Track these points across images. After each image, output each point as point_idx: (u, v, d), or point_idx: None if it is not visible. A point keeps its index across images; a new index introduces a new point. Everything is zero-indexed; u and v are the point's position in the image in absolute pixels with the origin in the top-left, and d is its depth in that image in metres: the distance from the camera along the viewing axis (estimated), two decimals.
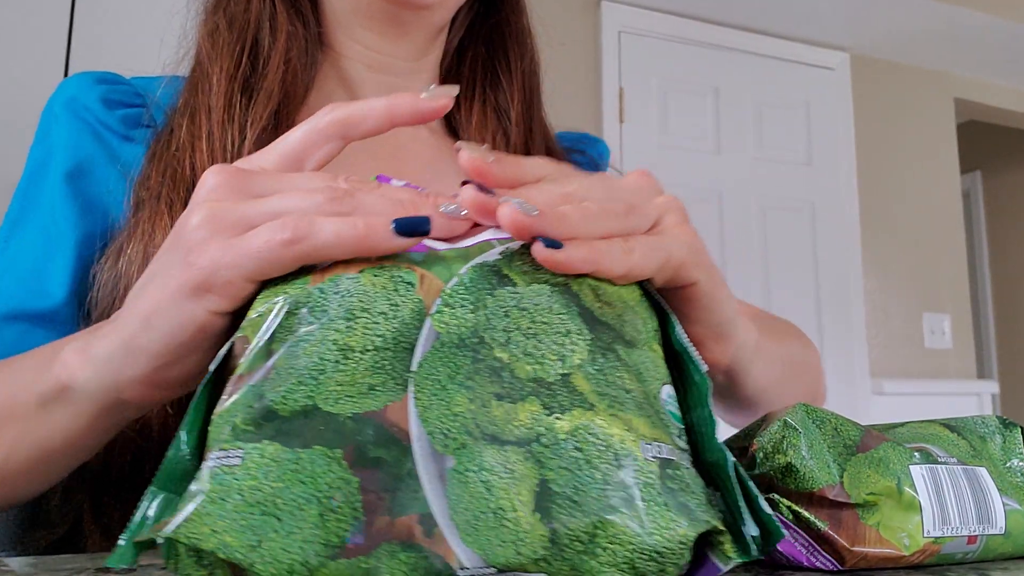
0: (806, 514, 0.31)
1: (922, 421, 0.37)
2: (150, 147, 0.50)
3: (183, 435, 0.25)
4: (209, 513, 0.22)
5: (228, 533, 0.21)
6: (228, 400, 0.25)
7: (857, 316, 2.71)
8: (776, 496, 0.32)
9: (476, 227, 0.30)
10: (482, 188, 0.28)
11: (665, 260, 0.30)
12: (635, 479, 0.24)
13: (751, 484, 0.25)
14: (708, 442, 0.27)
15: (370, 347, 0.25)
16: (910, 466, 0.32)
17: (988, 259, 4.16)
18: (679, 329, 0.29)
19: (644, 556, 0.23)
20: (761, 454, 0.32)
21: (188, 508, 0.22)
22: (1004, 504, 0.33)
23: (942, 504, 0.32)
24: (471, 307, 0.26)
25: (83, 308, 0.48)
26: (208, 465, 0.23)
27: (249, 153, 0.49)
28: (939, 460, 0.33)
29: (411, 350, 0.25)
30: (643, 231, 0.31)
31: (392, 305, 0.26)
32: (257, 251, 0.27)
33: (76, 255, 0.49)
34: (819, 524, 0.31)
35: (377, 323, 0.25)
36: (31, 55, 1.64)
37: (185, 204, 0.47)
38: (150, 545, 0.23)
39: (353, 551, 0.22)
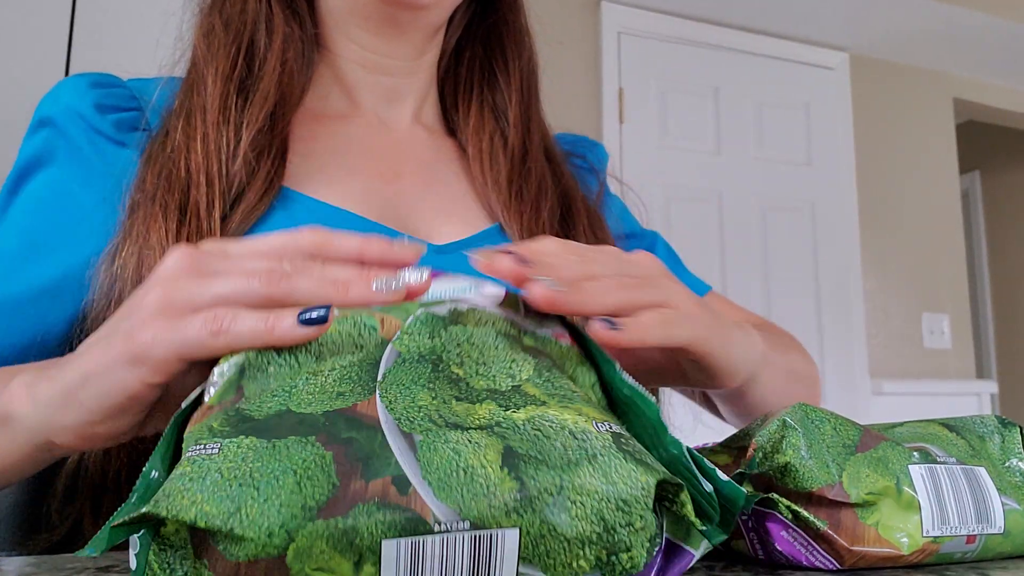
0: (805, 514, 0.31)
1: (921, 421, 0.37)
2: (145, 150, 0.50)
3: (153, 472, 0.26)
4: (188, 488, 0.22)
5: (207, 503, 0.22)
6: (197, 422, 0.27)
7: (857, 316, 2.71)
8: (775, 496, 0.32)
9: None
10: (518, 258, 0.32)
11: (674, 333, 0.34)
12: (592, 445, 0.26)
13: (705, 460, 0.26)
14: (664, 437, 0.28)
15: (337, 367, 0.28)
16: (909, 466, 0.32)
17: (987, 259, 4.16)
18: (621, 376, 0.30)
19: (612, 506, 0.24)
20: (760, 454, 0.32)
21: (167, 488, 0.23)
22: (1003, 504, 0.33)
23: (941, 504, 0.32)
24: (428, 336, 0.30)
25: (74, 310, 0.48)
26: (186, 456, 0.24)
27: (244, 153, 0.49)
28: (938, 460, 0.33)
29: (376, 366, 0.28)
30: (654, 304, 0.34)
31: (357, 347, 0.29)
32: (188, 337, 0.30)
33: (55, 258, 0.48)
34: (818, 523, 0.31)
35: (344, 357, 0.29)
36: (32, 55, 1.64)
37: (179, 206, 0.47)
38: (136, 529, 0.23)
39: (329, 512, 0.22)
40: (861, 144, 2.87)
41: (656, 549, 0.25)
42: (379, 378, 0.27)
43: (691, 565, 0.26)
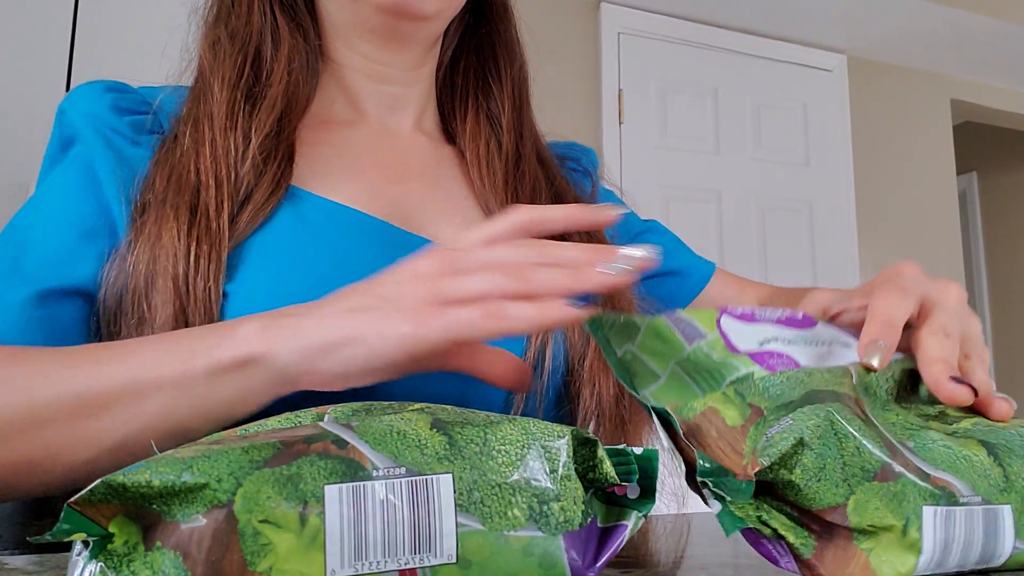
0: (791, 539, 0.30)
1: (964, 432, 0.34)
2: (155, 152, 0.52)
3: None
4: (147, 467, 0.24)
5: (161, 467, 0.23)
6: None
7: None
8: (764, 516, 0.30)
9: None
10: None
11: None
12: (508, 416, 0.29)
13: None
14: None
15: None
16: (924, 507, 0.30)
17: (984, 259, 4.17)
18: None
19: (534, 453, 0.26)
20: (766, 460, 0.30)
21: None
22: (1015, 547, 0.31)
23: (946, 551, 0.30)
24: None
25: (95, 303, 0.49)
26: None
27: (253, 156, 0.51)
28: (960, 501, 0.30)
29: None
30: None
31: None
32: (463, 320, 0.34)
33: (92, 238, 0.50)
34: (803, 551, 0.30)
35: None
36: (34, 66, 1.64)
37: (190, 208, 0.48)
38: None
39: (274, 463, 0.24)
40: (859, 145, 2.88)
41: (589, 519, 0.27)
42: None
43: (625, 537, 0.27)
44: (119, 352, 0.40)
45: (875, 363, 0.36)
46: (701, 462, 0.31)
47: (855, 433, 0.30)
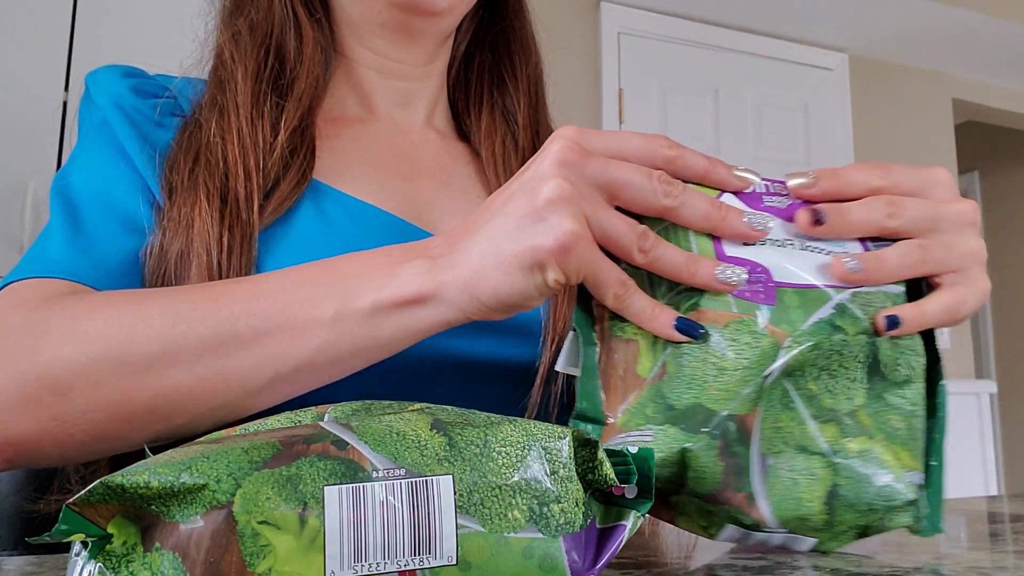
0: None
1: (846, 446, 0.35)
2: (178, 135, 0.52)
3: None
4: (146, 468, 0.24)
5: (160, 468, 0.24)
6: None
7: None
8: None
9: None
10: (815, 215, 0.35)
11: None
12: (509, 418, 0.29)
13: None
14: None
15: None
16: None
17: (986, 259, 4.17)
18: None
19: (534, 454, 0.27)
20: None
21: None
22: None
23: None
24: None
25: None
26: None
27: (281, 148, 0.51)
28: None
29: None
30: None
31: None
32: (603, 274, 0.35)
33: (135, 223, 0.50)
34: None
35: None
36: (33, 65, 1.65)
37: (221, 194, 0.48)
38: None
39: (274, 464, 0.24)
40: (860, 144, 2.88)
41: (589, 520, 0.27)
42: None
43: (625, 538, 0.27)
44: (264, 288, 0.39)
45: (791, 183, 0.37)
46: (583, 402, 0.37)
47: (702, 472, 0.33)
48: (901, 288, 0.36)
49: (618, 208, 0.36)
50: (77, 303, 0.40)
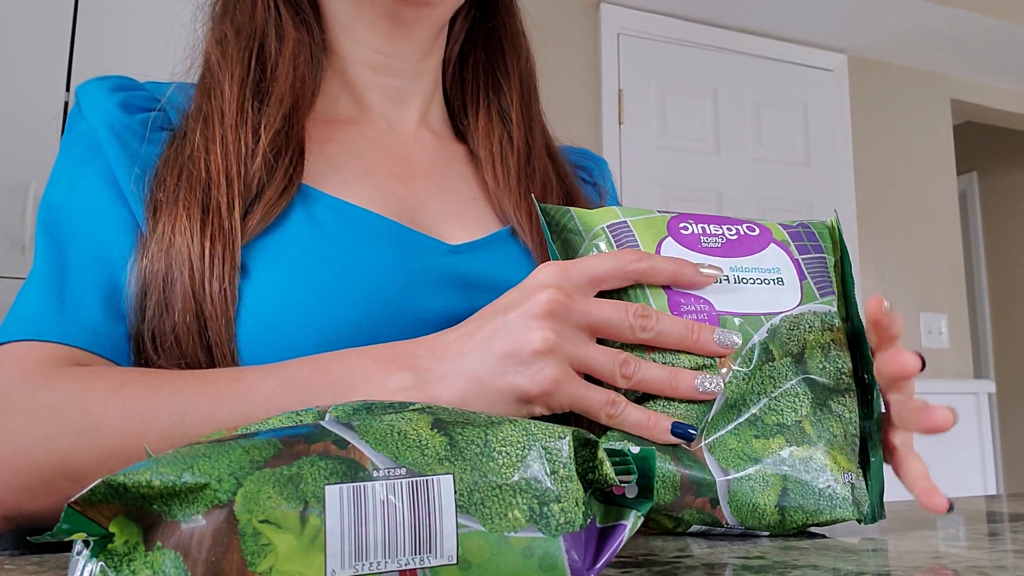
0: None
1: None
2: (164, 150, 0.52)
3: None
4: (148, 468, 0.24)
5: (162, 468, 0.24)
6: None
7: None
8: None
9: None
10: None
11: None
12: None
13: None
14: None
15: None
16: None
17: (984, 259, 4.17)
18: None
19: (534, 454, 0.27)
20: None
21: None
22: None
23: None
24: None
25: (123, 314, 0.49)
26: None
27: (264, 153, 0.50)
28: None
29: None
30: None
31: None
32: (590, 401, 0.39)
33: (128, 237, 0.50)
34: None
35: None
36: (34, 65, 1.64)
37: (202, 206, 0.48)
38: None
39: (275, 463, 0.24)
40: (859, 145, 2.88)
41: (589, 519, 0.27)
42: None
43: (625, 537, 0.28)
44: (262, 392, 0.41)
45: None
46: None
47: (661, 479, 0.39)
48: (831, 308, 0.43)
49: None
50: (84, 386, 0.43)
